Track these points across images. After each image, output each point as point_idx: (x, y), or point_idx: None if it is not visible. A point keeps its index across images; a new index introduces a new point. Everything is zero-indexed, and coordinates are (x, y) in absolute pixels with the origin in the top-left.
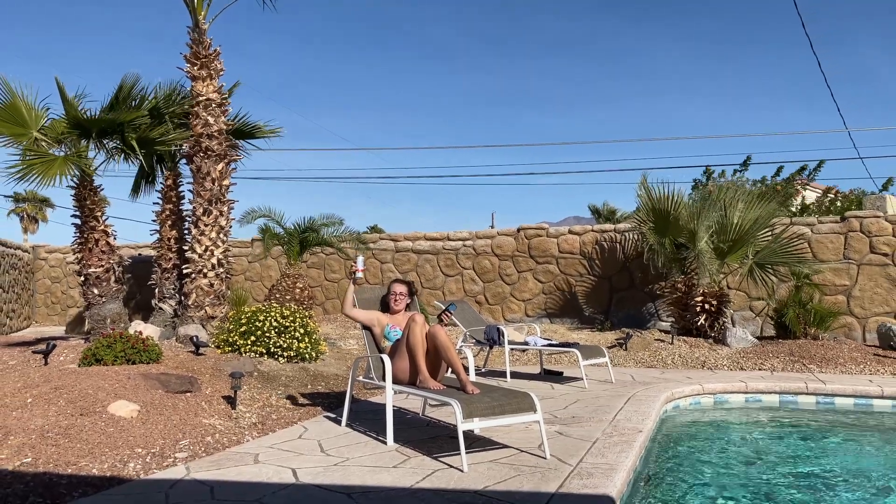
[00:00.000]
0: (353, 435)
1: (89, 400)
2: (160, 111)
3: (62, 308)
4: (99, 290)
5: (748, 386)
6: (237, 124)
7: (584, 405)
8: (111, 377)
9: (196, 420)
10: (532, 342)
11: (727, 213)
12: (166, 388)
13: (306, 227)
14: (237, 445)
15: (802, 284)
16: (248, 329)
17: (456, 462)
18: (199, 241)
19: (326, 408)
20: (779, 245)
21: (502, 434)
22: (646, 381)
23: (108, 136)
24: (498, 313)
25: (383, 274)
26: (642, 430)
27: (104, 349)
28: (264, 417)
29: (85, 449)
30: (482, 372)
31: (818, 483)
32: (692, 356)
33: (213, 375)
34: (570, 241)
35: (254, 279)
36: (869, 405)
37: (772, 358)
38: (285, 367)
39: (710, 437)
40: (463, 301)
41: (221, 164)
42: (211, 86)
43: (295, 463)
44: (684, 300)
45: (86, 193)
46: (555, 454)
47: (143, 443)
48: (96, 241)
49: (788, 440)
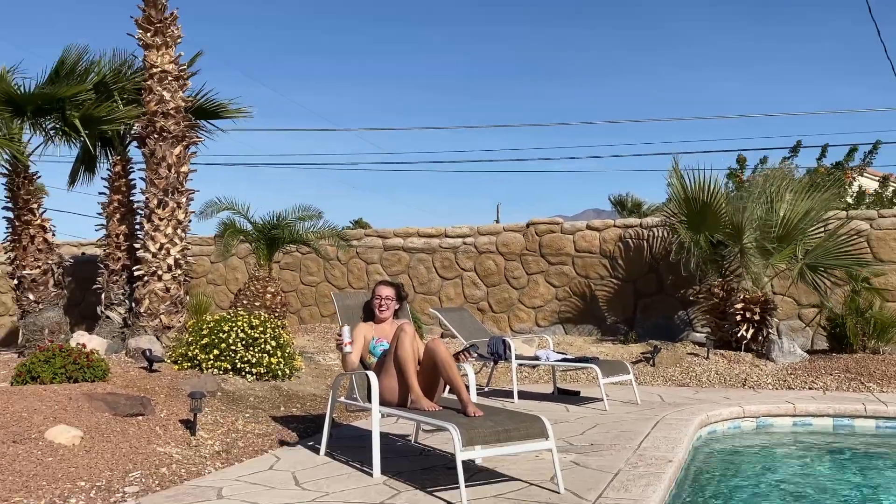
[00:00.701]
0: (333, 465)
1: (24, 424)
2: (108, 86)
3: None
4: (35, 296)
5: (796, 408)
6: (199, 102)
7: (604, 430)
8: (49, 398)
9: (149, 448)
10: (543, 357)
11: (773, 206)
12: (114, 411)
13: (278, 221)
14: (197, 478)
15: (861, 289)
16: (210, 341)
17: (454, 498)
18: (153, 238)
19: (302, 433)
20: (833, 243)
21: (509, 464)
22: (677, 403)
23: (47, 114)
24: (504, 323)
25: (369, 276)
26: (672, 459)
27: (41, 365)
28: (229, 445)
29: (18, 482)
30: (485, 391)
31: None
32: (731, 373)
33: (169, 396)
34: (588, 237)
35: (217, 283)
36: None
37: (824, 375)
38: (254, 386)
39: (751, 468)
40: (463, 309)
41: (179, 148)
42: (167, 55)
43: (265, 499)
44: (722, 307)
45: (19, 182)
46: (570, 488)
47: (87, 475)
48: (32, 237)
49: (843, 471)
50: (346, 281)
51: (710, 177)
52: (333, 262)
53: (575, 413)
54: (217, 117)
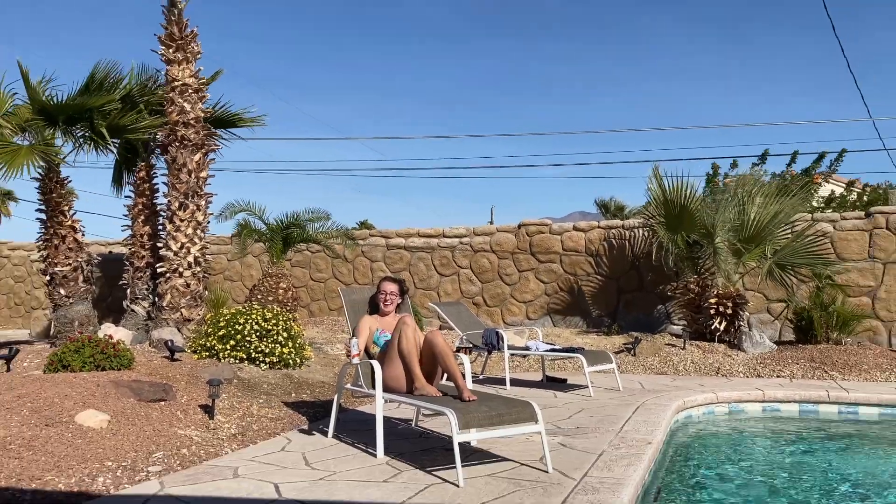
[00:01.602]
0: (340, 447)
1: (55, 409)
2: (133, 98)
3: (26, 310)
4: (66, 291)
5: (765, 394)
6: (216, 112)
7: (589, 415)
8: (79, 385)
9: (171, 431)
10: (533, 347)
11: (744, 209)
12: (139, 397)
13: (290, 222)
14: (215, 458)
15: (824, 285)
16: (227, 333)
17: (451, 476)
18: (175, 238)
19: (312, 418)
20: (800, 244)
21: (501, 446)
22: (656, 389)
23: (77, 123)
24: (497, 316)
25: (373, 273)
26: (652, 441)
27: (72, 354)
28: (244, 428)
29: (50, 462)
30: (480, 379)
31: (839, 499)
32: (705, 362)
33: (189, 383)
34: (574, 238)
35: (233, 279)
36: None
37: (791, 364)
38: (267, 374)
39: (724, 450)
40: (459, 303)
41: (198, 155)
42: (187, 70)
43: (277, 477)
44: (697, 302)
45: (52, 186)
46: (558, 468)
47: (114, 455)
48: (63, 237)
49: (808, 452)
50: (353, 277)
51: (686, 182)
52: (340, 259)
53: (562, 399)
54: (233, 126)
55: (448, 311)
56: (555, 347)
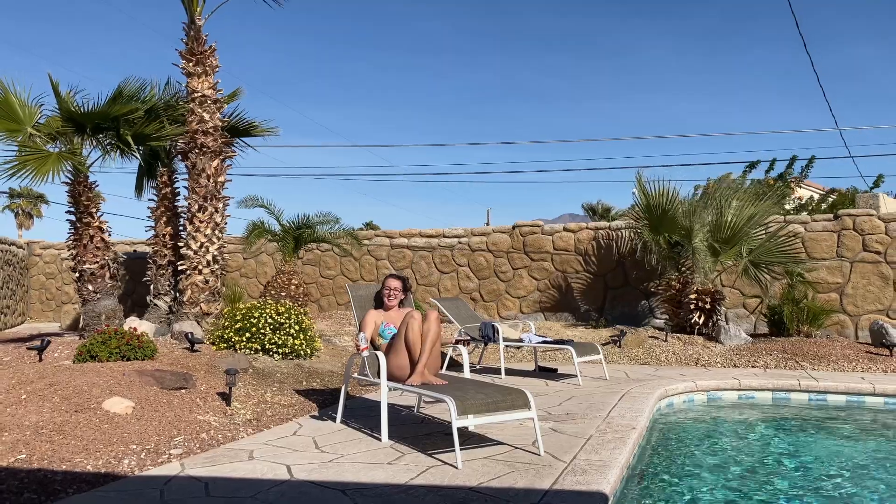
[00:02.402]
0: (347, 431)
1: (84, 396)
2: (157, 111)
3: (57, 304)
4: (94, 287)
5: (741, 383)
6: (233, 121)
7: (578, 402)
8: (106, 374)
9: (191, 416)
10: (527, 339)
11: (722, 212)
12: (161, 385)
13: (302, 223)
14: (232, 442)
15: (796, 282)
16: (243, 326)
17: (450, 459)
18: (195, 238)
19: (321, 404)
20: (773, 244)
21: (497, 431)
22: (640, 379)
23: (104, 132)
24: (493, 310)
25: (378, 271)
26: (636, 427)
27: (99, 346)
28: (259, 414)
29: (79, 445)
30: (477, 368)
31: (809, 479)
32: (686, 353)
33: (207, 372)
34: (565, 238)
35: (249, 276)
36: (861, 402)
37: (765, 355)
38: (280, 364)
39: (702, 435)
40: (458, 298)
41: (216, 161)
42: (206, 82)
43: (290, 459)
44: (678, 298)
45: (80, 189)
46: (549, 451)
47: (138, 439)
48: (91, 237)
49: (780, 437)
50: (359, 274)
51: (668, 187)
52: (348, 258)
53: (553, 387)
54: (249, 135)
55: (448, 306)
56: (546, 339)
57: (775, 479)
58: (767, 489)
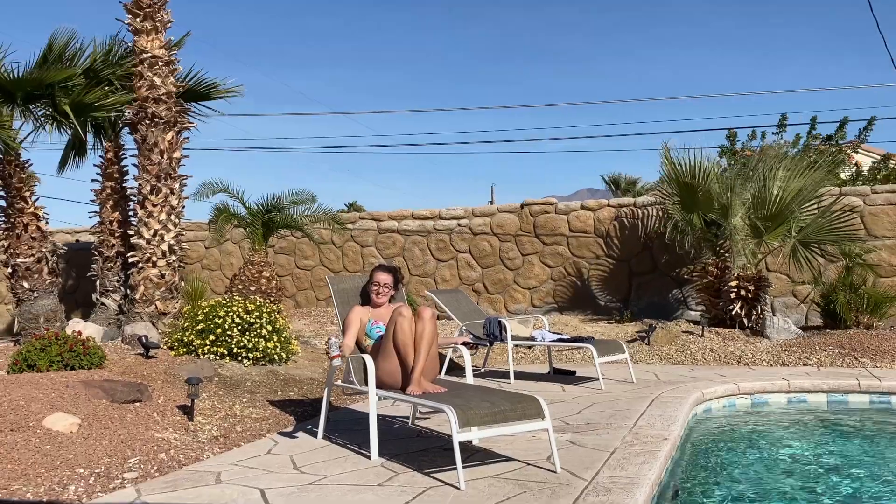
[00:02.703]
0: (331, 448)
1: (21, 413)
2: (97, 71)
3: None
4: (30, 284)
5: (791, 384)
6: (188, 84)
7: (600, 409)
8: (46, 385)
9: (147, 434)
10: (539, 337)
11: (766, 184)
12: (111, 398)
13: (271, 205)
14: (196, 463)
15: (854, 265)
16: (206, 327)
17: (451, 478)
18: (147, 225)
19: (300, 417)
20: (827, 220)
21: (505, 445)
22: (672, 381)
23: (37, 101)
24: (499, 304)
25: (364, 260)
26: (668, 437)
27: (37, 353)
28: (227, 430)
29: (17, 470)
30: (482, 372)
31: (873, 498)
32: (726, 350)
33: (165, 382)
34: (582, 217)
35: (212, 268)
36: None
37: (818, 351)
38: (251, 371)
39: (746, 446)
40: (458, 290)
41: (171, 133)
42: (157, 41)
43: (264, 482)
44: (716, 285)
45: (11, 170)
46: (566, 467)
47: (86, 462)
48: (25, 225)
49: (838, 448)
50: (342, 264)
51: (700, 157)
52: (328, 245)
53: (571, 393)
54: (208, 98)
55: (446, 299)
56: (562, 337)
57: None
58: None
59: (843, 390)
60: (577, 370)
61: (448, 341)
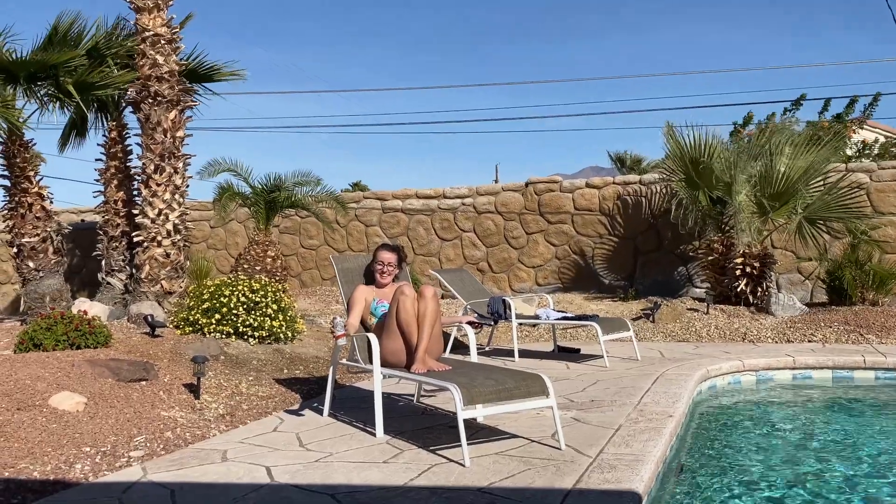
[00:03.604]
0: (336, 426)
1: (27, 392)
2: (101, 51)
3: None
4: (35, 264)
5: (796, 361)
6: (191, 65)
7: (604, 387)
8: (52, 365)
9: (153, 413)
10: (543, 315)
11: (772, 161)
12: (117, 377)
13: (276, 185)
14: (202, 441)
15: (859, 242)
16: (211, 306)
17: (456, 455)
18: (151, 204)
19: (305, 395)
20: (833, 197)
21: (510, 422)
22: (677, 358)
23: (40, 81)
24: (504, 282)
25: (369, 239)
26: (673, 414)
27: (43, 332)
28: (233, 408)
29: (24, 449)
30: (486, 350)
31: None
32: (731, 327)
33: (171, 360)
34: (587, 195)
35: (217, 247)
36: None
37: (823, 327)
38: (256, 350)
39: (752, 422)
40: (462, 269)
41: (174, 112)
42: (159, 18)
43: (269, 460)
44: (721, 263)
45: (15, 150)
46: (571, 444)
47: (92, 440)
48: (29, 205)
49: (843, 423)
50: (346, 244)
51: (706, 134)
52: (333, 225)
53: (575, 370)
54: (211, 80)
55: (450, 278)
56: (567, 315)
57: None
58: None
59: (848, 366)
60: (582, 348)
61: (453, 320)
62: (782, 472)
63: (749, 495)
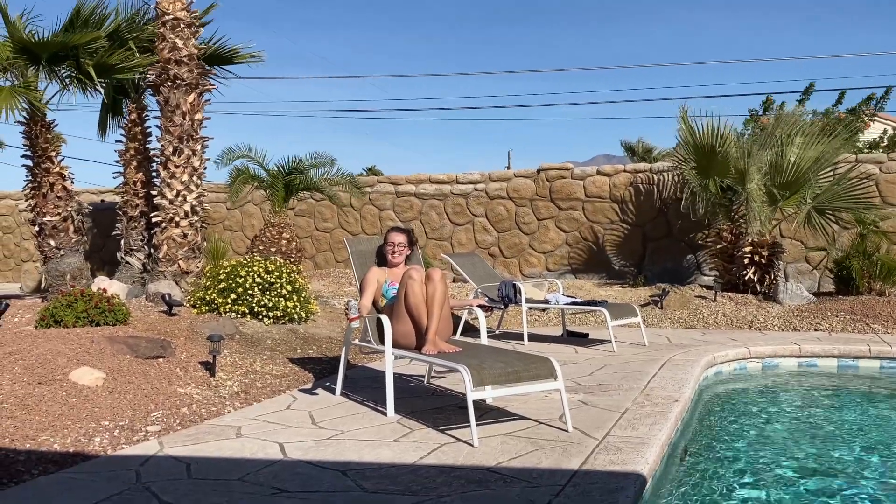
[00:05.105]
0: (348, 405)
1: (48, 367)
2: (122, 34)
3: (16, 262)
4: (56, 242)
5: (802, 349)
6: (211, 48)
7: (612, 371)
8: (73, 341)
9: (170, 389)
10: (553, 300)
11: (783, 151)
12: (135, 353)
13: (292, 168)
14: (217, 417)
15: (868, 232)
16: (227, 286)
17: (465, 435)
18: (170, 185)
19: (318, 375)
20: (842, 187)
21: (518, 404)
22: (684, 344)
23: (61, 62)
24: (514, 267)
25: (382, 223)
26: (679, 399)
27: (64, 309)
28: (247, 386)
29: (45, 422)
30: (496, 334)
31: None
32: (738, 315)
33: (188, 338)
34: (598, 183)
35: (234, 229)
36: None
37: (830, 317)
38: (271, 329)
39: (757, 408)
40: (474, 254)
41: (193, 95)
42: (179, 3)
43: (283, 437)
44: (730, 251)
45: (37, 130)
46: (578, 426)
47: (111, 415)
48: (51, 185)
49: (846, 411)
50: (360, 227)
51: (718, 122)
52: (347, 208)
53: (584, 355)
54: (230, 63)
55: (462, 262)
56: (576, 300)
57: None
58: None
59: (854, 356)
60: (591, 333)
61: (463, 303)
62: (785, 457)
63: (752, 478)
